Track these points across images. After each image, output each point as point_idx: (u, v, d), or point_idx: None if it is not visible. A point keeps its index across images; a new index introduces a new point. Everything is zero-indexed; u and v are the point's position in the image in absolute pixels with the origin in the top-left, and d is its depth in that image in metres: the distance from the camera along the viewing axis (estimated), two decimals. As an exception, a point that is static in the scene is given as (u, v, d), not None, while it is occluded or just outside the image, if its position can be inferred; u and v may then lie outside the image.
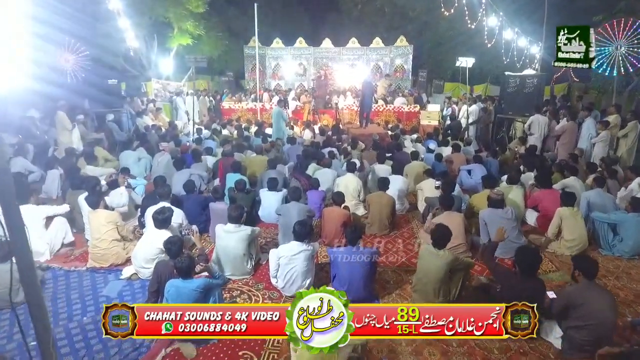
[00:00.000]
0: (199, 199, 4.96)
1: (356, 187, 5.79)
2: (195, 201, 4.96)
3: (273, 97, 14.68)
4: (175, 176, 6.34)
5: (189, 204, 4.95)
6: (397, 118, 13.05)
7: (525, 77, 9.46)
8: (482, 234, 4.47)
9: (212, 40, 15.85)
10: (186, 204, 4.96)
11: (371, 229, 5.07)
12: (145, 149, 8.60)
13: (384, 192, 5.12)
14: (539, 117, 8.41)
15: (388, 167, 6.78)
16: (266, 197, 5.43)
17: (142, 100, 12.74)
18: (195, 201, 4.96)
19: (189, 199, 4.99)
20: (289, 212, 4.58)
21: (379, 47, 17.46)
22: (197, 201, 4.95)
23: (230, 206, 3.87)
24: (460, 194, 5.55)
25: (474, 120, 10.45)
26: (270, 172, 6.19)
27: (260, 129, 10.85)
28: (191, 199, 4.98)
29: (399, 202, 5.79)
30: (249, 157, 7.60)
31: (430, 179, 5.79)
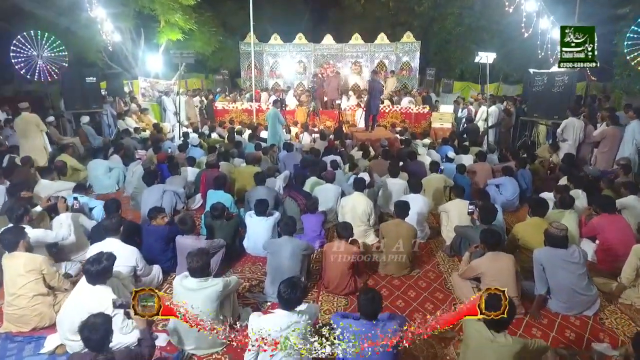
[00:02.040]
0: (160, 231, 3.81)
1: (365, 209, 4.66)
2: (157, 234, 3.81)
3: (271, 97, 13.57)
4: (145, 194, 5.22)
5: (149, 237, 3.82)
6: (404, 120, 11.92)
7: (554, 75, 8.30)
8: (537, 281, 3.33)
9: (205, 36, 14.68)
10: (146, 237, 3.83)
11: (386, 268, 3.93)
12: (121, 156, 7.50)
13: (402, 220, 3.98)
14: (574, 120, 7.26)
15: (403, 181, 5.64)
16: (253, 223, 4.29)
17: (125, 100, 11.60)
18: (157, 234, 3.81)
19: (149, 231, 3.85)
20: (280, 252, 3.45)
21: (384, 43, 16.33)
22: (159, 234, 3.81)
23: (190, 255, 2.72)
24: (500, 220, 4.39)
25: (494, 123, 9.30)
26: (259, 191, 5.06)
27: (254, 132, 9.74)
28: (152, 231, 3.83)
29: (418, 227, 4.65)
30: (238, 168, 6.48)
31: (458, 201, 4.64)
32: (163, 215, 3.85)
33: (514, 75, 18.03)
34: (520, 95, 12.26)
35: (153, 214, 3.82)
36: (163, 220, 3.86)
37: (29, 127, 7.61)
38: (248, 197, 5.12)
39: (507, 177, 5.90)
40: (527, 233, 3.85)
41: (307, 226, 4.52)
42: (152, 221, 3.82)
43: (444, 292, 3.67)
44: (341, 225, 3.58)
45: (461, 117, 10.62)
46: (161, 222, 3.83)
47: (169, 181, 5.75)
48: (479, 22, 17.49)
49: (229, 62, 17.56)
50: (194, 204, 5.91)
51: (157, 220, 3.82)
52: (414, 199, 4.73)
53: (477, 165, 6.75)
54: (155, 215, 3.83)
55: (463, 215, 4.54)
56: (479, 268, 3.23)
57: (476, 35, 17.69)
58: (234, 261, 4.19)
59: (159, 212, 3.89)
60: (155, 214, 3.85)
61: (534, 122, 9.27)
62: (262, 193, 5.04)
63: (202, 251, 2.76)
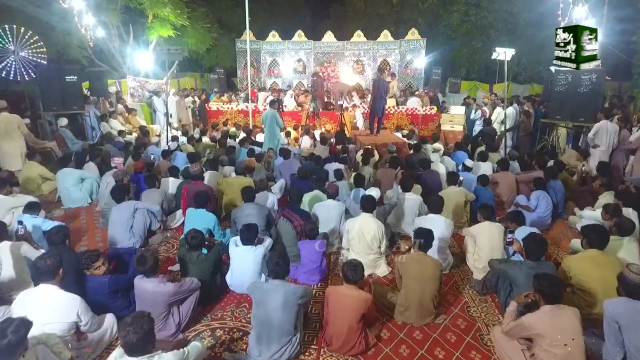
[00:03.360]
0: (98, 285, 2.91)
1: (375, 234, 3.83)
2: (95, 287, 2.92)
3: (268, 97, 12.75)
4: (113, 213, 4.40)
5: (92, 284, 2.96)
6: (411, 121, 11.10)
7: (579, 73, 7.47)
8: (610, 343, 2.50)
9: (199, 33, 13.87)
10: (91, 282, 2.97)
11: (405, 315, 3.10)
12: (98, 163, 6.67)
13: (425, 255, 3.15)
14: (607, 124, 6.44)
15: (417, 196, 4.81)
16: (238, 255, 3.46)
17: (110, 100, 10.78)
18: (95, 287, 2.92)
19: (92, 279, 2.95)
20: (268, 301, 2.63)
21: (387, 41, 15.53)
22: (97, 289, 2.92)
23: (123, 325, 1.87)
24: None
25: (512, 125, 8.47)
26: (247, 210, 4.24)
27: (249, 136, 8.90)
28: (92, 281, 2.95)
29: (440, 256, 3.83)
30: (227, 179, 5.65)
31: (488, 224, 3.81)
32: (98, 265, 2.96)
33: (522, 74, 17.28)
34: (539, 95, 11.41)
35: (86, 261, 2.94)
36: (99, 269, 2.97)
37: (10, 128, 6.88)
38: (234, 217, 4.29)
39: (540, 190, 5.07)
40: (584, 271, 3.02)
41: (305, 255, 3.69)
42: (87, 271, 2.96)
43: (482, 351, 2.84)
44: (349, 267, 2.75)
45: (474, 118, 9.78)
46: (97, 272, 2.96)
47: (145, 195, 4.94)
48: (486, 19, 16.75)
49: (225, 61, 16.76)
50: (174, 222, 5.10)
51: (91, 270, 2.96)
52: (434, 221, 3.91)
53: (500, 175, 5.94)
54: (88, 264, 2.94)
55: (495, 241, 3.72)
56: (533, 327, 2.41)
57: (483, 33, 16.96)
58: (213, 303, 3.37)
59: (92, 260, 2.94)
60: (88, 262, 2.95)
61: (553, 125, 8.46)
62: (251, 212, 4.23)
63: (142, 319, 1.91)
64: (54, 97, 8.66)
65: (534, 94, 12.57)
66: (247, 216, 4.23)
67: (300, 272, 3.72)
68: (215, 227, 4.21)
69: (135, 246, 4.31)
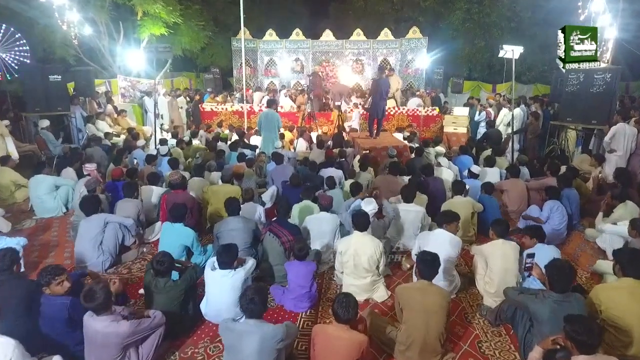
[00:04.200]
0: (56, 309, 2.45)
1: (372, 254, 3.37)
2: (52, 311, 2.47)
3: (264, 97, 12.31)
4: (81, 227, 3.95)
5: (48, 310, 2.51)
6: (411, 123, 10.63)
7: (592, 72, 7.00)
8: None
9: (193, 31, 13.39)
10: (45, 308, 2.52)
11: (406, 354, 2.63)
12: (77, 169, 6.23)
13: (430, 284, 2.69)
14: (625, 127, 5.99)
15: (420, 208, 4.35)
16: (213, 281, 3.00)
17: (98, 101, 10.33)
18: (52, 311, 2.47)
19: (46, 304, 2.53)
20: (242, 348, 2.17)
21: (388, 39, 15.05)
22: (55, 312, 2.47)
23: None
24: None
25: (519, 128, 8.01)
26: (230, 224, 3.78)
27: (241, 138, 8.44)
28: (48, 305, 2.51)
29: (446, 279, 3.38)
30: (212, 187, 5.19)
31: (501, 242, 3.35)
32: (61, 279, 2.50)
33: (527, 74, 16.84)
34: (546, 95, 10.95)
35: (46, 276, 2.48)
36: (62, 286, 2.52)
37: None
38: (217, 232, 3.84)
39: (553, 200, 4.61)
40: (618, 305, 2.56)
41: (292, 279, 3.24)
42: (46, 289, 2.50)
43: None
44: (341, 303, 2.27)
45: (478, 120, 9.33)
46: (58, 289, 2.51)
47: (120, 206, 4.48)
48: (489, 17, 16.34)
49: (220, 60, 16.31)
50: (152, 235, 4.64)
51: (52, 287, 2.49)
52: (438, 238, 3.45)
53: (509, 183, 5.48)
54: (48, 280, 2.47)
55: (510, 263, 3.27)
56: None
57: (486, 32, 16.55)
58: (183, 337, 2.91)
59: (54, 274, 2.48)
60: (48, 277, 2.47)
61: (563, 127, 8.00)
62: (236, 227, 3.77)
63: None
64: (37, 97, 8.21)
65: (540, 94, 12.11)
66: (230, 231, 3.78)
67: (288, 297, 3.27)
68: (193, 243, 3.75)
69: (105, 265, 3.87)
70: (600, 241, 4.26)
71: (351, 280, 3.46)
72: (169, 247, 3.70)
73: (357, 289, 3.43)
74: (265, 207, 5.70)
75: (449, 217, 3.48)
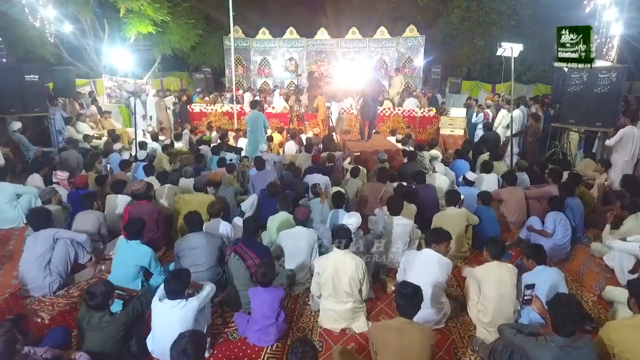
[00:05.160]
0: None
1: (354, 274, 2.96)
2: None
3: (255, 97, 11.91)
4: (27, 243, 3.53)
5: None
6: (408, 125, 10.22)
7: (596, 71, 6.57)
8: None
9: (183, 29, 12.98)
10: None
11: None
12: (44, 175, 5.81)
13: (410, 322, 2.27)
14: (633, 130, 5.55)
15: (408, 221, 3.93)
16: (160, 313, 2.57)
17: (81, 102, 9.92)
18: None
19: None
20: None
21: (384, 38, 14.67)
22: None
23: None
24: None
25: (519, 130, 7.58)
26: (192, 241, 3.36)
27: (223, 141, 8.01)
28: None
29: (433, 306, 2.96)
30: (184, 196, 4.77)
31: (496, 265, 2.93)
32: None
33: (527, 74, 16.41)
34: (547, 95, 10.53)
35: None
36: None
37: None
38: (177, 251, 3.42)
39: (556, 212, 4.19)
40: (635, 347, 2.14)
41: (256, 308, 2.82)
42: None
43: None
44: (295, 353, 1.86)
45: (475, 122, 8.90)
46: None
47: (78, 218, 4.07)
48: (488, 16, 15.91)
49: (212, 60, 15.87)
50: (113, 250, 4.20)
51: None
52: (426, 260, 3.02)
53: (506, 191, 5.06)
54: None
55: (506, 288, 2.85)
56: None
57: (485, 31, 16.12)
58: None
59: None
60: None
61: (564, 130, 7.58)
62: (199, 245, 3.36)
63: None
64: (12, 98, 7.79)
65: (540, 95, 11.68)
66: (192, 250, 3.37)
67: (251, 329, 2.85)
68: (151, 263, 3.33)
69: (53, 286, 3.45)
70: (608, 259, 3.84)
71: (330, 304, 3.04)
72: (123, 268, 3.31)
73: (335, 315, 3.02)
74: (246, 216, 5.32)
75: (439, 237, 3.06)
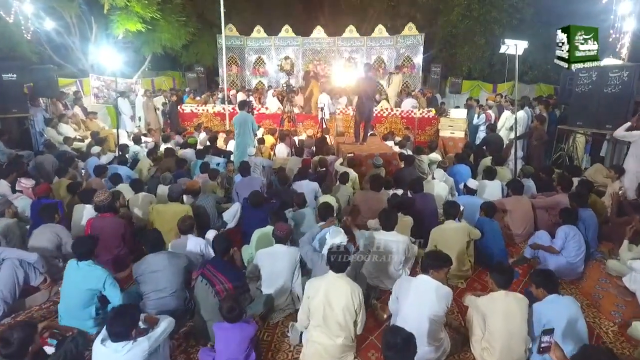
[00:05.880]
0: None
1: (349, 302, 2.52)
2: None
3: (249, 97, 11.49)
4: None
5: None
6: (407, 126, 9.79)
7: (606, 70, 6.15)
8: None
9: (174, 27, 12.55)
10: None
11: None
12: (11, 181, 5.37)
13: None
14: (648, 133, 5.13)
15: (403, 237, 3.49)
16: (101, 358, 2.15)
17: (65, 102, 9.49)
18: None
19: None
20: None
21: (382, 36, 14.23)
22: None
23: None
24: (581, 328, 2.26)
25: (522, 132, 7.15)
26: (153, 264, 2.92)
27: (213, 145, 7.58)
28: None
29: (431, 343, 2.53)
30: (157, 207, 4.34)
31: (504, 295, 2.50)
32: None
33: (529, 74, 15.99)
34: (552, 96, 10.09)
35: None
36: None
37: None
38: (137, 275, 2.98)
39: (568, 226, 3.76)
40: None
41: (221, 348, 2.39)
42: None
43: None
44: None
45: (477, 124, 8.46)
46: None
47: (36, 234, 3.63)
48: (489, 14, 15.49)
49: (206, 59, 15.42)
50: (75, 269, 3.78)
51: None
52: (422, 289, 2.58)
53: (512, 201, 4.62)
54: None
55: (515, 324, 2.42)
56: None
57: (486, 29, 15.71)
58: None
59: None
60: None
61: (570, 132, 7.14)
62: (160, 267, 2.93)
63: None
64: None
65: (544, 95, 11.25)
66: (153, 273, 2.93)
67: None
68: (106, 287, 2.89)
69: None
70: (628, 281, 3.41)
71: (318, 336, 2.58)
72: (74, 294, 2.88)
73: (323, 350, 2.56)
74: (228, 227, 4.90)
75: (437, 262, 2.62)
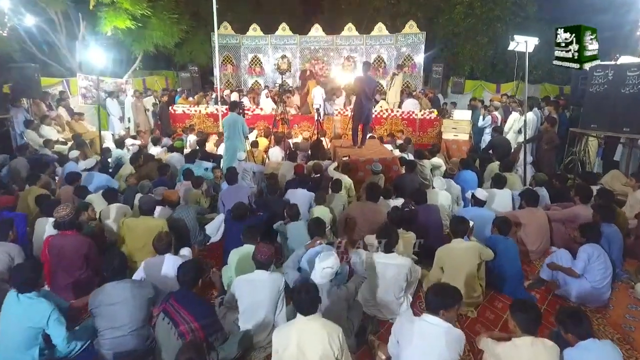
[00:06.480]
0: None
1: (327, 349, 2.05)
2: None
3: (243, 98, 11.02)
4: None
5: None
6: (408, 127, 9.32)
7: (624, 68, 5.69)
8: None
9: (166, 25, 12.09)
10: None
11: None
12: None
13: None
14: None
15: (404, 261, 3.02)
16: None
17: (49, 102, 9.03)
18: None
19: None
20: None
21: (382, 35, 13.75)
22: None
23: None
24: None
25: (531, 136, 6.68)
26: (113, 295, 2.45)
27: (202, 148, 7.11)
28: None
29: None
30: (128, 221, 3.87)
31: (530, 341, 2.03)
32: None
33: (534, 73, 15.54)
34: (560, 97, 9.62)
35: None
36: None
37: None
38: (92, 308, 2.51)
39: (592, 244, 3.29)
40: None
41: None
42: None
43: None
44: None
45: (482, 126, 7.99)
46: None
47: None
48: (492, 12, 15.07)
49: (200, 58, 14.97)
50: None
51: None
52: (428, 333, 2.12)
53: (525, 214, 4.15)
54: None
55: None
56: None
57: (489, 28, 15.28)
58: None
59: None
60: None
61: (582, 135, 6.68)
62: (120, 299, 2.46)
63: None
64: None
65: (552, 96, 10.78)
66: (111, 306, 2.46)
67: None
68: (49, 323, 2.41)
69: None
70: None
71: None
72: (13, 332, 2.41)
73: None
74: (211, 241, 4.44)
75: (447, 301, 2.13)
